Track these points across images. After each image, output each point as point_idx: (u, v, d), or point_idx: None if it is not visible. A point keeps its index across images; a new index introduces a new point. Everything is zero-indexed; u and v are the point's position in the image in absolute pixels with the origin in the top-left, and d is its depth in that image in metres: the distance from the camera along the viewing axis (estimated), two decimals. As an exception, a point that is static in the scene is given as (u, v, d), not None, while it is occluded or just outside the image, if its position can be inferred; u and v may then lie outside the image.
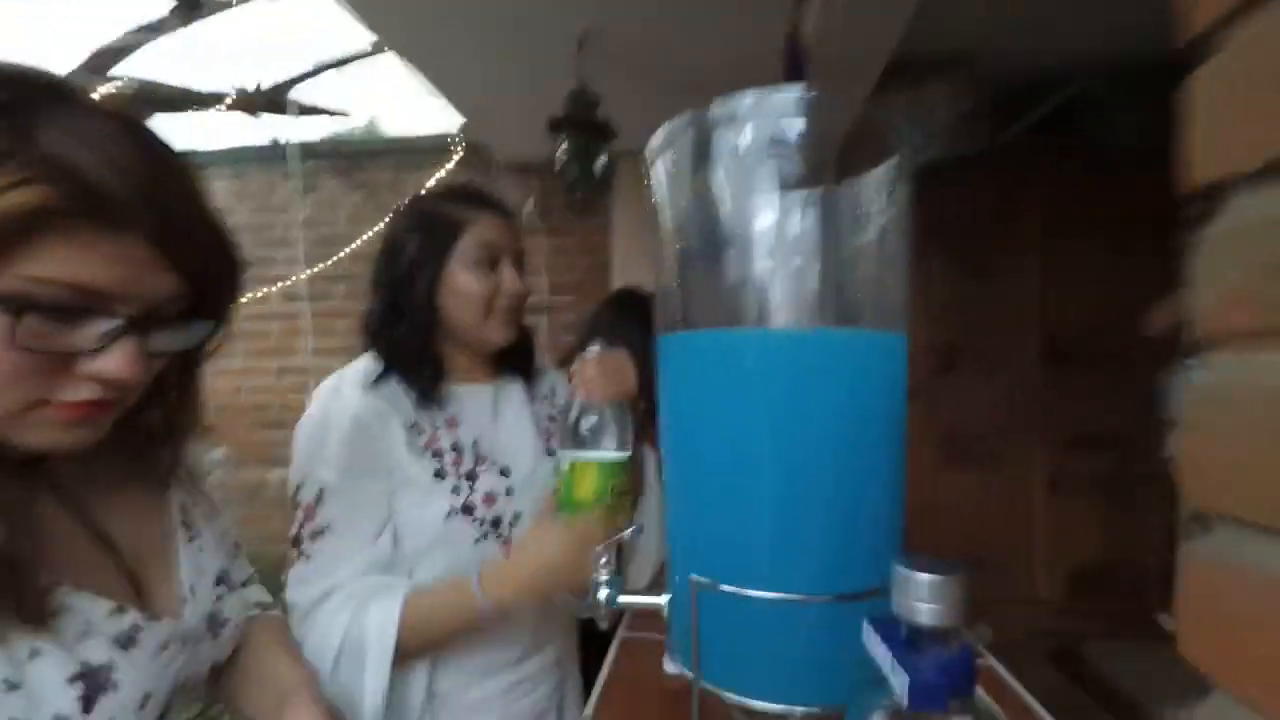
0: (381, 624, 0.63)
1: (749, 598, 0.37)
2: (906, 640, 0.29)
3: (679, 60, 1.71)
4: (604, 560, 0.44)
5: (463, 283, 0.72)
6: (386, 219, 2.62)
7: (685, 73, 1.78)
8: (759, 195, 0.39)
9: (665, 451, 0.44)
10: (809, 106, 0.38)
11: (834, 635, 0.36)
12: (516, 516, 0.73)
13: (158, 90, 1.81)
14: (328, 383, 0.74)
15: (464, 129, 2.37)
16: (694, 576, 0.38)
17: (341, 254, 2.46)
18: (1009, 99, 1.86)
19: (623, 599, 0.44)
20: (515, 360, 0.81)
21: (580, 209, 1.78)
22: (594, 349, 0.67)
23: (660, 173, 0.44)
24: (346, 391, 0.72)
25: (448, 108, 2.06)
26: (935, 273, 1.74)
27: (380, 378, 0.73)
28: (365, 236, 2.45)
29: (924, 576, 0.27)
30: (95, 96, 0.38)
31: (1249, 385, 0.23)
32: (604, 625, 0.44)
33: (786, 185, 0.39)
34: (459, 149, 2.45)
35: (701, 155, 0.42)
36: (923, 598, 0.28)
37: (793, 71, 1.40)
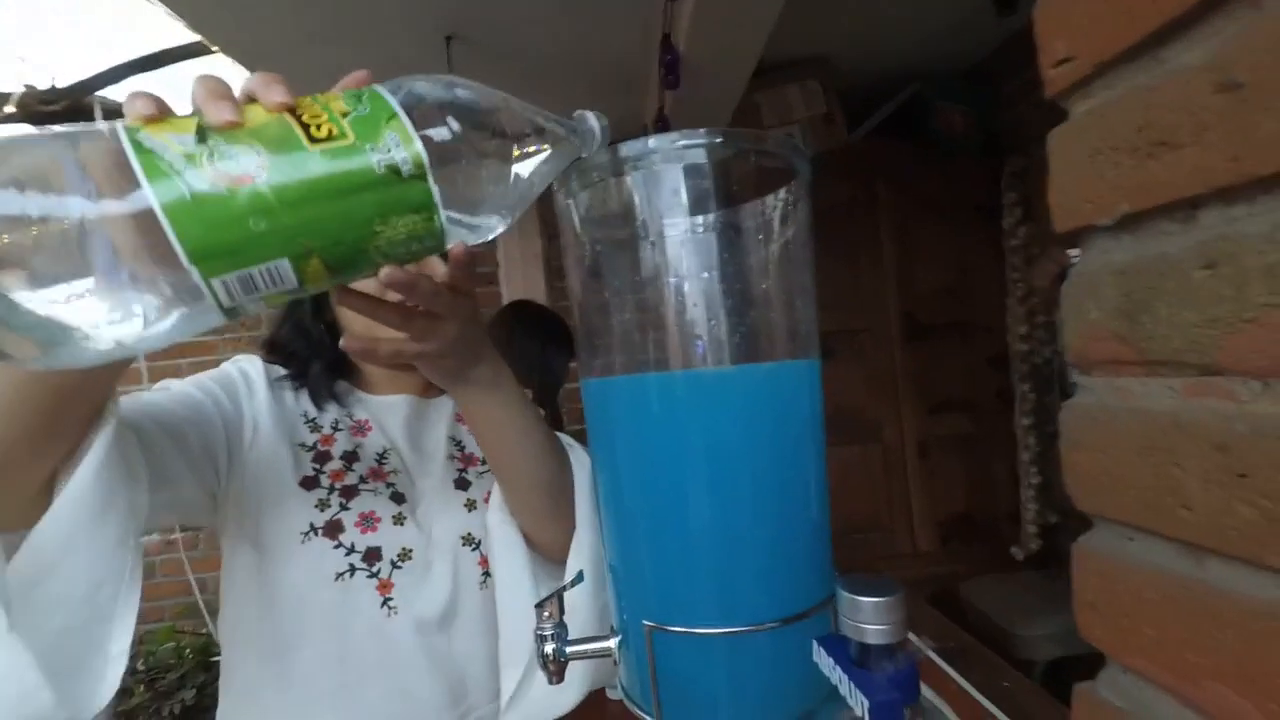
0: None
1: (698, 635, 0.38)
2: (857, 659, 0.31)
3: (547, 56, 1.69)
4: (546, 613, 0.43)
5: None
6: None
7: (555, 70, 1.76)
8: (667, 232, 0.40)
9: (601, 494, 0.43)
10: (714, 145, 0.39)
11: (782, 657, 0.38)
12: (405, 554, 0.62)
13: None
14: None
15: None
16: (646, 622, 0.38)
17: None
18: (857, 102, 2.03)
19: (570, 648, 0.44)
20: None
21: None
22: None
23: (570, 213, 0.44)
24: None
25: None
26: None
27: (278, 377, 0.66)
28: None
29: (869, 600, 0.30)
30: None
31: (1112, 406, 0.27)
32: (553, 682, 0.43)
33: (693, 220, 0.40)
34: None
35: (609, 196, 0.41)
36: (869, 619, 0.30)
37: (668, 74, 1.44)
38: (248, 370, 0.65)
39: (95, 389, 0.41)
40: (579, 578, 0.48)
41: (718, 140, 0.37)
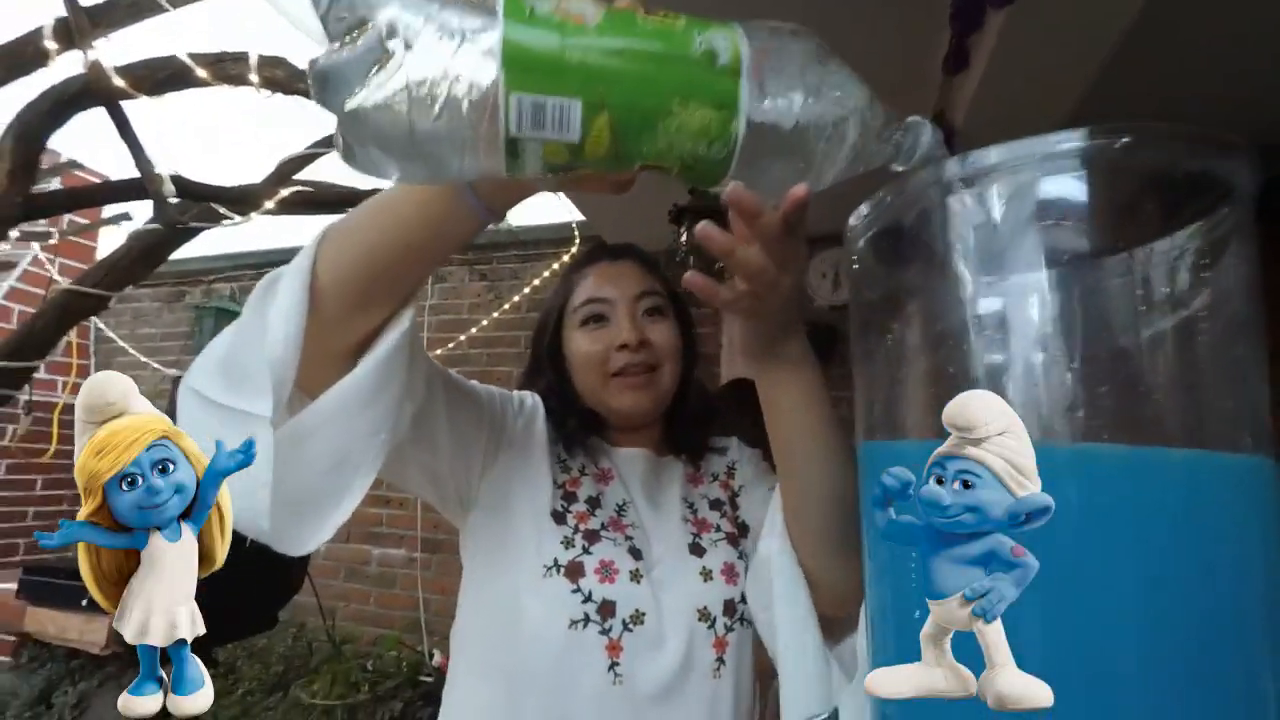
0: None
1: None
2: None
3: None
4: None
5: (574, 345, 0.66)
6: (504, 307, 2.69)
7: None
8: (1019, 274, 0.30)
9: (874, 604, 0.33)
10: (1090, 156, 0.29)
11: None
12: (637, 616, 0.56)
13: (328, 191, 2.04)
14: None
15: (582, 224, 2.48)
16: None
17: (461, 338, 2.58)
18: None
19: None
20: (678, 434, 0.70)
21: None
22: None
23: (866, 255, 0.37)
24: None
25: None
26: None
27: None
28: (483, 323, 2.56)
29: None
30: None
31: None
32: None
33: (1058, 259, 0.30)
34: (577, 240, 2.55)
35: (928, 229, 0.34)
36: None
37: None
38: (526, 399, 0.69)
39: (412, 268, 0.46)
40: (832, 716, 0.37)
41: (1120, 141, 0.27)
